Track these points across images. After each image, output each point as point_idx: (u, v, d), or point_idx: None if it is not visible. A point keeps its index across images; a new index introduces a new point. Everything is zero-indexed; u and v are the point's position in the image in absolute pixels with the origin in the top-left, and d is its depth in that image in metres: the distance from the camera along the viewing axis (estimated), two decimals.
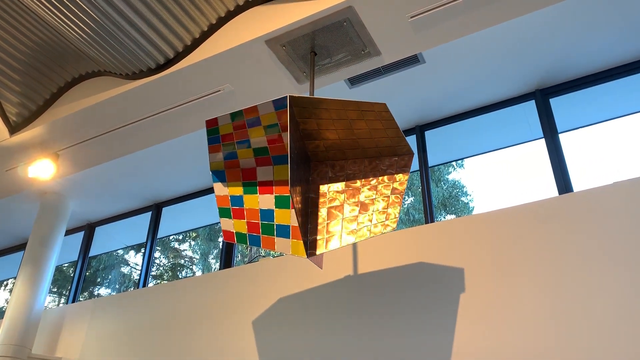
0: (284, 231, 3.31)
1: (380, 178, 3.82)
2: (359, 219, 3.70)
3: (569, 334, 3.79)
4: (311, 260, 3.77)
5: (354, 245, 4.95)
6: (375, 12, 3.92)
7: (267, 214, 3.39)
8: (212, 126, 3.37)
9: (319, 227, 3.56)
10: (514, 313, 4.04)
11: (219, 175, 3.56)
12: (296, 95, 3.33)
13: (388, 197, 3.78)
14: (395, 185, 3.80)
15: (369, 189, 3.79)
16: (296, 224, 3.25)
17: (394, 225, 3.76)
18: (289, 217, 3.31)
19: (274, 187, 3.46)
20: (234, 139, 3.42)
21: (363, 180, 3.81)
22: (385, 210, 3.75)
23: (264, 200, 3.43)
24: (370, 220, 3.73)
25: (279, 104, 3.23)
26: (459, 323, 4.19)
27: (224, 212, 3.52)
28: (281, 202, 3.39)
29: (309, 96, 3.42)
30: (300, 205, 3.43)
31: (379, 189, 3.79)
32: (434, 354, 4.14)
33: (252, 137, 3.41)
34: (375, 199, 3.77)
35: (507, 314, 4.06)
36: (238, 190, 3.50)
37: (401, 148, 3.79)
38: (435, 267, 4.53)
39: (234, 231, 3.46)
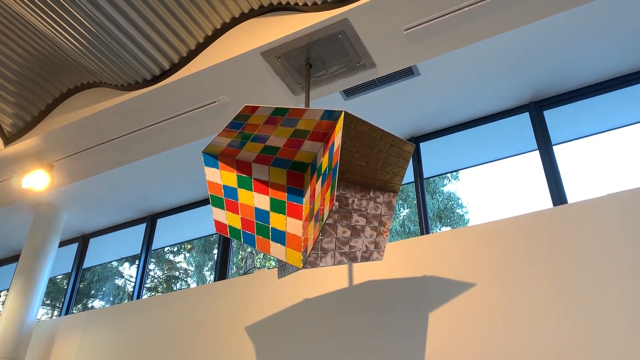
0: (279, 237, 3.25)
1: (369, 207, 3.86)
2: (350, 242, 3.74)
3: (565, 344, 3.78)
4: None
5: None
6: (370, 24, 3.94)
7: (262, 215, 3.31)
8: (246, 112, 3.19)
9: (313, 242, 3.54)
10: (509, 324, 4.02)
11: (211, 158, 3.40)
12: (349, 113, 3.28)
13: (377, 227, 3.86)
14: (383, 218, 3.88)
15: (359, 215, 3.82)
16: (293, 232, 3.22)
17: (382, 255, 3.85)
18: (284, 223, 3.26)
19: (269, 188, 3.40)
20: (255, 131, 3.33)
21: (354, 205, 3.83)
22: (374, 240, 3.82)
23: (259, 200, 3.35)
24: (361, 246, 3.78)
25: (329, 115, 3.21)
26: (454, 334, 4.17)
27: (216, 201, 3.35)
28: (277, 206, 3.34)
29: (357, 116, 3.37)
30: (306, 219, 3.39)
31: (369, 217, 3.85)
32: None
33: (274, 134, 3.35)
34: (364, 226, 3.82)
35: (503, 325, 4.04)
36: (232, 182, 3.38)
37: (393, 185, 3.91)
38: (430, 278, 4.51)
39: (227, 224, 3.34)
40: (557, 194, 4.84)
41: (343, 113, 3.18)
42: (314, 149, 3.41)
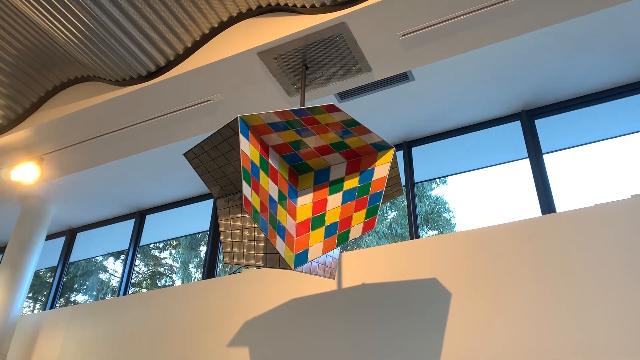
0: (282, 231, 3.18)
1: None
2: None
3: (552, 351, 3.82)
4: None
5: (339, 258, 4.96)
6: (368, 29, 3.96)
7: (273, 204, 3.19)
8: (325, 109, 3.14)
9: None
10: (494, 331, 4.06)
11: (245, 127, 3.21)
12: (394, 152, 3.36)
13: (332, 254, 4.00)
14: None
15: None
16: (289, 230, 3.20)
17: (335, 276, 4.03)
18: (285, 219, 3.22)
19: (278, 178, 3.35)
20: (310, 125, 3.24)
21: None
22: (331, 262, 3.90)
23: (272, 188, 3.25)
24: (323, 263, 3.86)
25: (378, 144, 3.25)
26: (439, 339, 4.20)
27: (246, 176, 3.07)
28: (282, 199, 3.28)
29: (395, 157, 3.43)
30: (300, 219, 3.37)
31: None
32: None
33: (321, 135, 3.30)
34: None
35: (488, 332, 4.08)
36: (256, 159, 3.20)
37: None
38: (417, 282, 4.54)
39: (252, 203, 3.06)
40: (546, 203, 4.89)
41: (393, 150, 3.26)
42: (333, 161, 3.42)
